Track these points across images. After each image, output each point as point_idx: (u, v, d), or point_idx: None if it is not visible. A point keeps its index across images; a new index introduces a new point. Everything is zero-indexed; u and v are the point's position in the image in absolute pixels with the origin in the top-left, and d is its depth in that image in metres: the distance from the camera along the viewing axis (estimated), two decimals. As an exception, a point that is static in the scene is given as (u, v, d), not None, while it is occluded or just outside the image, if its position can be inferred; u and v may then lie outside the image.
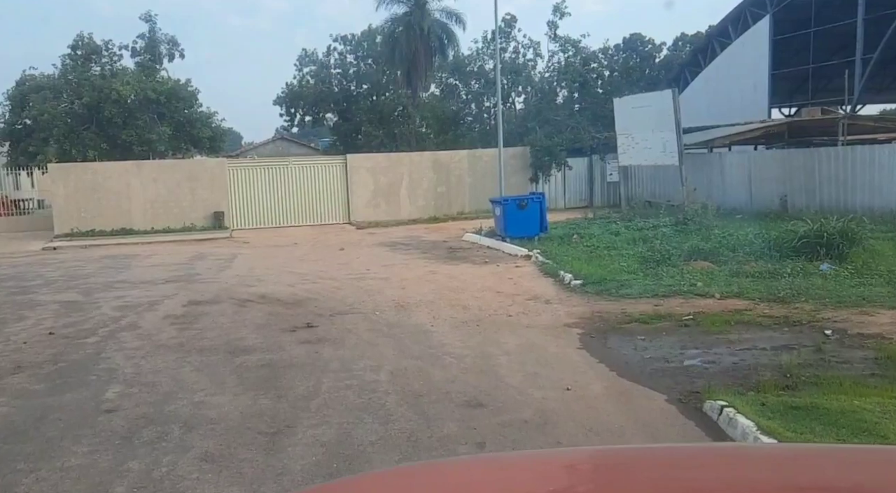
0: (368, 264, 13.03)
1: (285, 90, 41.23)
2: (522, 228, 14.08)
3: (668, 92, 15.93)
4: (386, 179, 21.55)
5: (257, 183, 20.60)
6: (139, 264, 14.15)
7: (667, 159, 16.16)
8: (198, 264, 13.76)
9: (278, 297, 10.13)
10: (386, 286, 10.66)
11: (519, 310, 8.70)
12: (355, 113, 40.56)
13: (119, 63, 27.82)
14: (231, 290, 10.85)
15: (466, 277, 11.25)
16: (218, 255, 15.18)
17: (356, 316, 8.73)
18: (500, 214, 14.27)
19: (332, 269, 12.61)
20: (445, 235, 17.18)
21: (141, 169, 19.72)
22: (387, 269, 12.34)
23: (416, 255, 14.05)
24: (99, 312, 9.44)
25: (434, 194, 21.93)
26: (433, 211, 21.76)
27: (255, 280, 11.68)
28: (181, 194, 19.73)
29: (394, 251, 14.76)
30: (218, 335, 7.97)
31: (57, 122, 23.53)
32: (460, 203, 22.10)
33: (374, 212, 21.35)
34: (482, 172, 22.13)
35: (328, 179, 21.16)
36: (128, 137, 24.31)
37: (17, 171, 26.39)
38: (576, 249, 12.64)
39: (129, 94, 23.99)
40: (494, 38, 24.49)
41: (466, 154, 22.31)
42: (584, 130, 22.12)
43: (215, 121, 27.46)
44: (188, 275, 12.47)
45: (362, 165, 21.45)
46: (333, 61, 40.38)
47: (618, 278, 9.73)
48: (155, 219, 19.41)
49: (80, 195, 18.90)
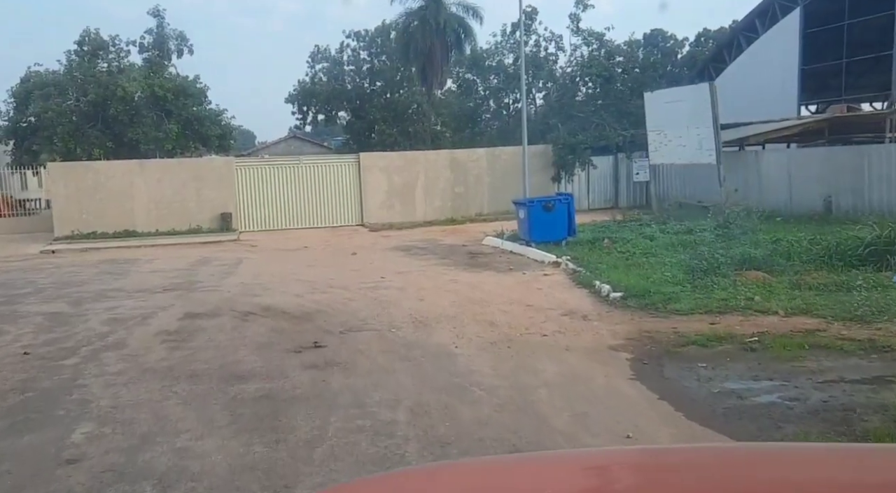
0: (383, 270, 12.04)
1: (297, 88, 40.45)
2: (549, 232, 13.04)
3: (705, 85, 14.83)
4: (400, 179, 20.57)
5: (266, 183, 19.70)
6: (138, 269, 13.26)
7: (703, 158, 15.04)
8: (200, 270, 12.83)
9: (284, 309, 9.16)
10: (402, 297, 9.66)
11: (554, 328, 7.66)
12: (369, 111, 39.63)
13: (126, 59, 27.10)
14: (233, 300, 9.90)
15: (490, 286, 10.23)
16: (223, 259, 14.26)
17: (370, 334, 7.74)
18: (525, 216, 13.23)
19: (344, 276, 11.63)
20: (464, 239, 16.16)
21: (144, 168, 18.87)
22: (403, 277, 11.35)
23: (433, 261, 13.05)
24: (85, 326, 8.51)
25: (451, 195, 20.92)
26: (450, 212, 20.75)
27: (261, 289, 10.72)
28: (187, 195, 18.86)
29: (410, 256, 13.77)
30: (213, 357, 7.00)
31: (61, 119, 22.77)
32: (479, 204, 21.06)
33: (389, 213, 20.37)
34: (502, 172, 21.09)
35: (340, 178, 20.22)
36: (134, 135, 23.52)
37: (24, 170, 25.67)
38: (609, 255, 11.57)
39: (135, 90, 23.19)
40: (517, 30, 23.48)
41: (485, 153, 21.28)
42: (609, 127, 21.01)
43: (225, 119, 26.64)
44: (189, 283, 11.54)
45: (376, 165, 20.49)
46: (346, 58, 39.44)
47: (663, 291, 8.66)
48: (159, 221, 18.55)
49: (81, 196, 18.08)
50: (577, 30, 23.65)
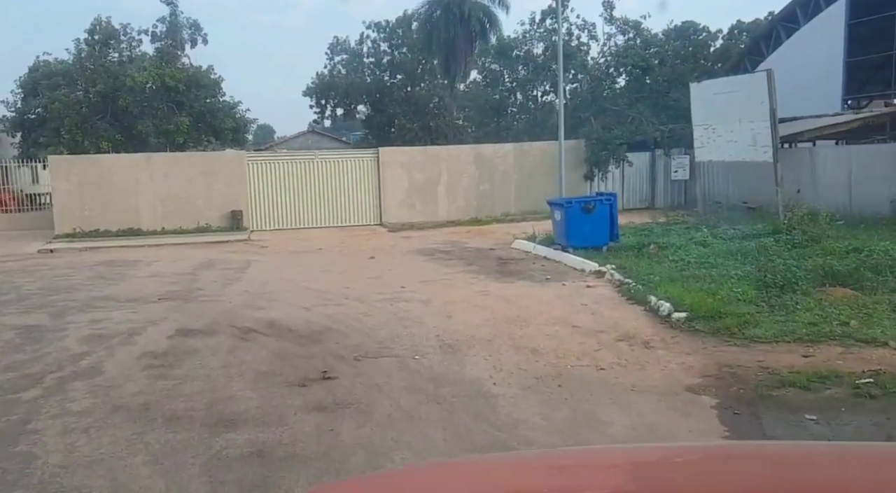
0: (404, 278, 10.79)
1: (315, 81, 39.35)
2: (588, 237, 11.70)
3: (762, 74, 13.37)
4: (422, 176, 19.29)
5: (280, 179, 18.53)
6: (136, 273, 12.13)
7: (756, 155, 13.60)
8: (203, 275, 11.67)
9: (291, 325, 7.94)
10: (426, 313, 8.40)
11: (611, 358, 6.35)
12: (388, 105, 38.49)
13: (138, 49, 26.12)
14: (234, 313, 8.70)
15: (527, 300, 8.92)
16: (229, 262, 13.10)
17: (389, 361, 6.49)
18: (561, 218, 11.90)
19: (360, 284, 10.39)
20: (491, 242, 14.86)
21: (150, 162, 17.78)
22: (426, 286, 10.08)
23: (459, 267, 11.77)
24: (60, 345, 7.35)
25: (476, 193, 19.60)
26: (474, 212, 19.44)
27: (267, 299, 9.52)
28: (195, 191, 17.75)
29: (433, 261, 12.50)
30: (200, 391, 5.79)
31: (68, 111, 21.81)
32: (505, 203, 19.73)
33: (409, 212, 19.11)
34: (530, 168, 19.74)
35: (358, 175, 18.99)
36: (144, 127, 22.50)
37: (34, 163, 24.76)
38: (659, 264, 10.20)
39: (145, 81, 22.14)
40: (547, 18, 22.08)
41: (512, 148, 19.92)
42: (646, 121, 19.55)
43: (239, 111, 25.54)
44: (188, 290, 10.37)
45: (396, 160, 19.23)
46: (366, 50, 38.30)
47: (735, 311, 7.30)
48: (165, 218, 17.46)
49: (83, 191, 17.03)
50: (611, 18, 22.20)
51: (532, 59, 21.52)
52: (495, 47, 22.17)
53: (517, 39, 22.49)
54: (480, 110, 23.20)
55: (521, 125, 21.64)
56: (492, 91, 22.66)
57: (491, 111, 22.68)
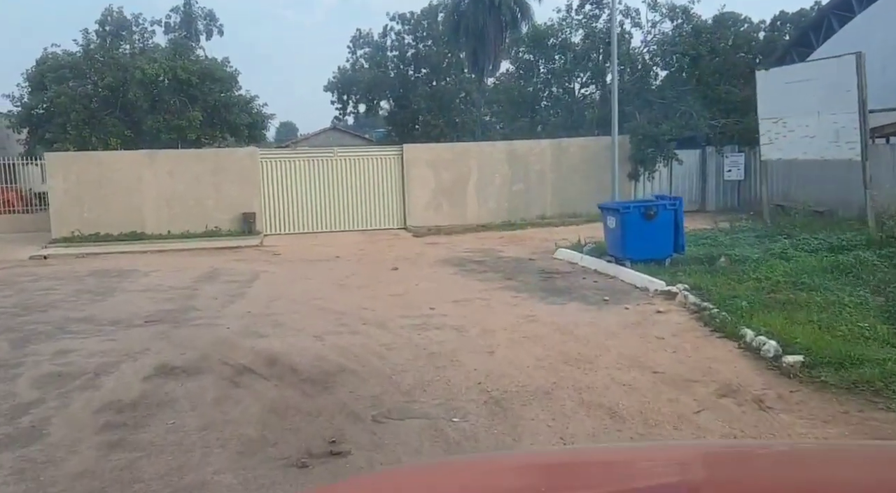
0: (432, 295, 9.21)
1: (337, 75, 37.94)
2: (649, 248, 10.00)
3: (850, 58, 11.52)
4: (450, 175, 17.68)
5: (295, 178, 17.05)
6: (129, 286, 10.68)
7: (840, 152, 11.76)
8: (203, 290, 10.18)
9: (295, 363, 6.39)
10: (462, 346, 6.79)
11: (720, 425, 4.69)
12: (412, 100, 36.98)
13: (151, 40, 24.88)
14: (230, 343, 7.18)
15: (587, 329, 7.27)
16: (235, 273, 11.62)
17: (418, 425, 4.89)
18: (617, 226, 10.21)
19: (382, 304, 8.82)
20: (529, 250, 13.21)
21: (154, 160, 16.38)
22: (459, 308, 8.47)
23: (496, 282, 10.13)
24: (6, 389, 5.88)
25: (508, 194, 17.93)
26: (507, 214, 17.79)
27: (271, 323, 7.99)
28: (203, 191, 16.34)
29: (465, 274, 10.88)
30: (165, 472, 4.25)
31: (75, 105, 20.58)
32: (541, 205, 18.04)
33: (435, 215, 17.52)
34: (569, 167, 18.04)
35: (381, 173, 17.44)
36: (154, 123, 21.22)
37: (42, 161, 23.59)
38: (740, 283, 8.46)
39: (156, 73, 20.81)
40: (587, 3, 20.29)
41: (549, 145, 18.20)
42: (696, 115, 17.73)
43: (256, 106, 24.16)
44: (182, 310, 8.87)
45: (421, 158, 17.64)
46: (390, 43, 36.81)
47: (871, 356, 5.56)
48: (171, 221, 16.07)
49: (82, 191, 15.70)
50: (655, 4, 20.34)
51: (570, 48, 19.75)
52: (530, 35, 20.43)
53: (553, 27, 20.72)
54: (513, 104, 21.48)
55: (559, 120, 19.88)
56: (525, 83, 20.91)
57: (524, 105, 20.95)
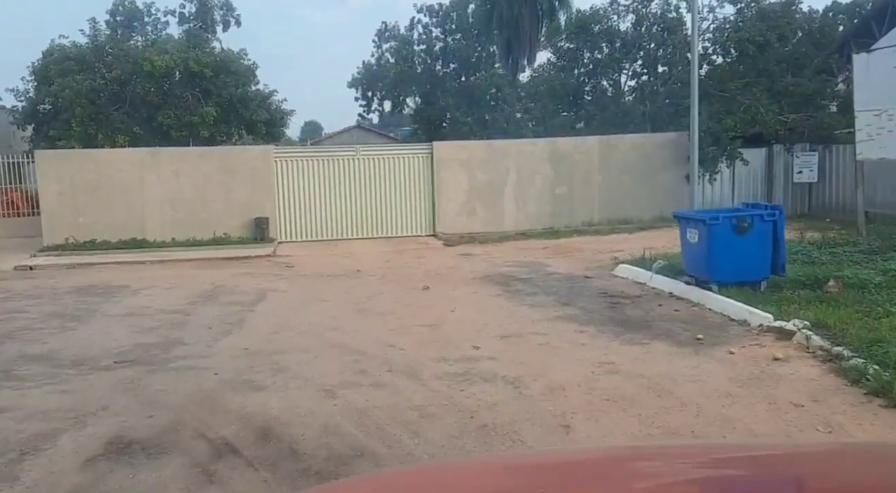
0: (474, 327, 7.40)
1: (361, 70, 36.32)
2: (741, 268, 8.08)
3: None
4: (485, 176, 15.84)
5: (314, 179, 15.35)
6: (112, 308, 9.02)
7: (966, 150, 9.68)
8: (196, 316, 8.48)
9: (297, 439, 4.63)
10: (523, 414, 4.96)
11: None
12: (440, 96, 35.23)
13: (165, 31, 23.45)
14: (213, 400, 5.44)
15: (689, 389, 5.38)
16: (239, 291, 9.92)
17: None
18: (701, 240, 8.28)
19: (412, 339, 7.03)
20: (581, 264, 11.33)
21: (158, 159, 14.77)
22: (511, 346, 6.65)
23: (551, 308, 8.27)
24: None
25: (550, 198, 16.04)
26: (549, 220, 15.91)
27: (271, 367, 6.23)
28: (211, 194, 14.72)
29: (511, 297, 9.04)
30: None
31: (81, 100, 19.14)
32: (586, 210, 16.13)
33: (468, 221, 15.71)
34: (619, 167, 16.11)
35: (408, 174, 15.67)
36: (165, 119, 19.73)
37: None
38: (878, 319, 6.49)
39: (166, 65, 19.28)
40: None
41: (597, 142, 16.26)
42: (763, 109, 15.67)
43: (275, 102, 22.55)
44: (165, 344, 7.17)
45: (453, 157, 15.83)
46: (417, 36, 35.10)
47: None
48: (175, 227, 14.46)
49: (77, 194, 14.16)
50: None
51: (618, 35, 17.77)
52: (575, 20, 18.46)
53: (598, 13, 18.74)
54: (554, 97, 19.55)
55: (607, 115, 17.89)
56: (566, 75, 18.96)
57: (567, 98, 19.01)
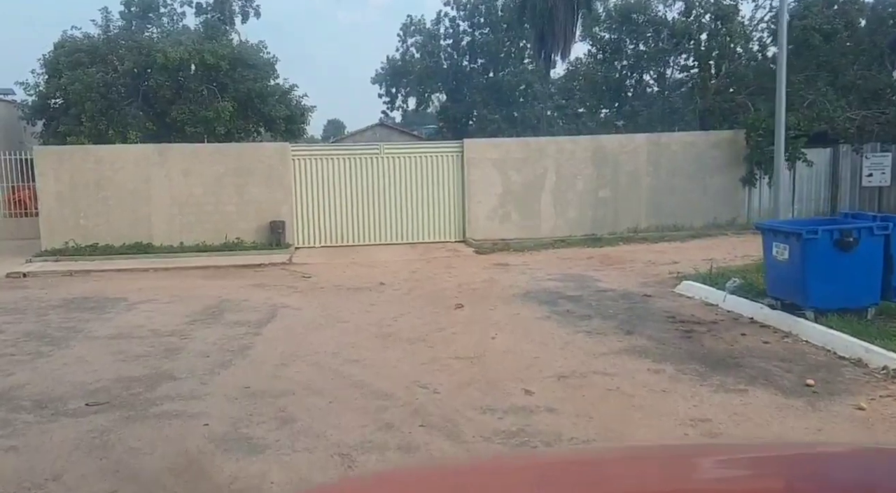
0: (521, 362, 6.11)
1: (386, 66, 35.18)
2: (844, 292, 6.68)
3: None
4: (521, 178, 14.52)
5: (334, 180, 14.15)
6: (98, 328, 7.85)
7: None
8: (194, 340, 7.28)
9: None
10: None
11: None
12: (467, 93, 33.98)
13: (182, 23, 22.46)
14: (199, 464, 4.23)
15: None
16: (248, 307, 8.72)
17: None
18: (793, 257, 6.89)
19: (447, 378, 5.76)
20: (636, 279, 9.97)
21: (166, 157, 13.66)
22: (571, 392, 5.35)
23: (612, 337, 6.93)
24: None
25: (593, 201, 14.67)
26: (590, 226, 14.54)
27: (275, 416, 5.00)
28: (224, 195, 13.60)
29: (561, 320, 7.70)
30: None
31: (91, 94, 18.18)
32: (633, 215, 14.74)
33: (502, 226, 14.40)
34: (669, 168, 14.70)
35: (436, 175, 14.41)
36: (179, 114, 18.70)
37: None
38: None
39: (180, 57, 18.25)
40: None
41: (645, 141, 14.84)
42: (830, 105, 14.15)
43: (294, 97, 21.41)
44: (151, 379, 5.97)
45: (486, 156, 14.52)
46: (443, 30, 33.86)
47: None
48: (184, 230, 13.35)
49: (78, 194, 13.12)
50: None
51: (665, 25, 16.31)
52: (617, 9, 16.99)
53: (641, 1, 17.28)
54: (594, 92, 18.14)
55: (655, 112, 16.44)
56: (607, 68, 17.52)
57: (609, 93, 17.58)
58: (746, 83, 15.12)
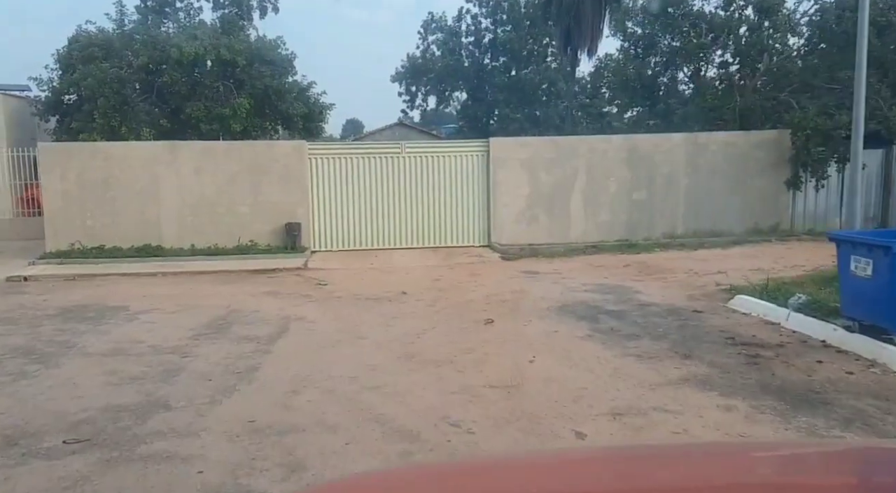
0: (567, 393, 5.31)
1: (406, 64, 34.49)
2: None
3: None
4: (550, 178, 13.68)
5: (352, 180, 13.41)
6: (93, 342, 7.15)
7: None
8: (197, 358, 6.55)
9: None
10: None
11: None
12: (488, 92, 33.21)
13: (198, 17, 21.88)
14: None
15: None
16: (258, 320, 7.99)
17: None
18: (878, 273, 6.02)
19: (481, 412, 4.98)
20: (680, 290, 9.12)
21: (176, 154, 12.99)
22: (632, 434, 4.53)
23: (668, 362, 6.09)
24: None
25: (627, 204, 13.79)
26: (624, 231, 13.67)
27: (282, 460, 4.25)
28: (237, 195, 12.90)
29: (606, 340, 6.87)
30: None
31: (104, 89, 17.62)
32: (669, 219, 13.84)
33: (529, 230, 13.57)
34: (708, 170, 13.79)
35: (460, 175, 13.61)
36: (194, 111, 18.09)
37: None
38: None
39: (195, 52, 17.64)
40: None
41: (682, 140, 13.93)
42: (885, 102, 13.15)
43: (313, 95, 20.74)
44: (143, 408, 5.23)
45: (513, 156, 13.69)
46: (465, 28, 33.11)
47: None
48: (196, 232, 12.67)
49: (85, 193, 12.49)
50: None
51: (703, 18, 15.37)
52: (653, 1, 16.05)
53: (673, -3, 16.31)
54: (626, 89, 17.22)
55: (691, 110, 15.48)
56: (639, 65, 16.58)
57: (642, 91, 16.66)
58: (790, 80, 14.14)
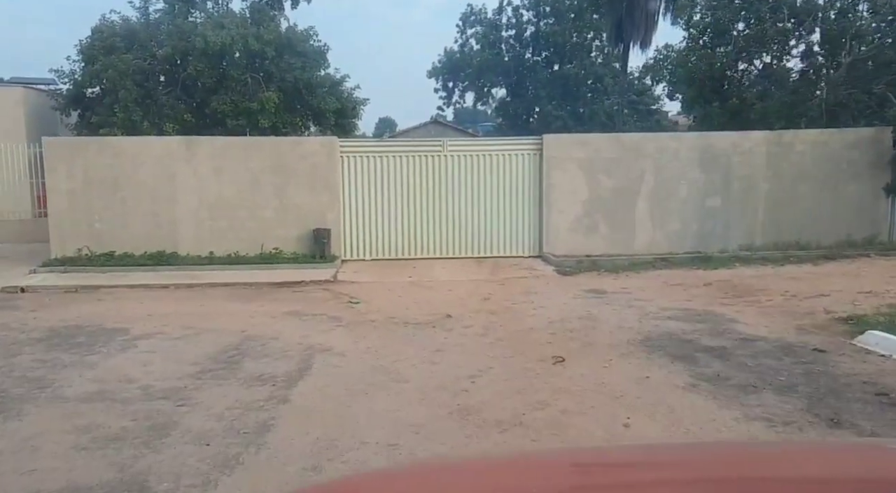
0: None
1: (443, 58, 33.08)
2: None
3: None
4: (612, 181, 12.13)
5: (388, 181, 12.04)
6: (73, 381, 5.85)
7: None
8: (195, 407, 5.21)
9: None
10: None
11: None
12: (529, 87, 31.61)
13: (228, 5, 20.76)
14: None
15: None
16: (276, 352, 6.64)
17: None
18: None
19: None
20: (784, 318, 7.52)
21: (194, 151, 11.72)
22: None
23: (808, 429, 4.54)
24: None
25: (699, 211, 12.17)
26: (695, 241, 12.05)
27: None
28: (260, 197, 11.62)
29: (716, 395, 5.33)
30: None
31: (125, 81, 16.61)
32: (746, 229, 12.18)
33: (587, 240, 12.04)
34: (792, 173, 12.11)
35: (508, 177, 12.15)
36: (220, 105, 16.99)
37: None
38: None
39: (222, 42, 16.51)
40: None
41: (763, 139, 12.23)
42: None
43: (346, 90, 19.50)
44: (115, 490, 3.89)
45: (570, 156, 12.16)
46: (506, 21, 31.57)
47: None
48: (215, 238, 11.43)
49: (93, 193, 11.32)
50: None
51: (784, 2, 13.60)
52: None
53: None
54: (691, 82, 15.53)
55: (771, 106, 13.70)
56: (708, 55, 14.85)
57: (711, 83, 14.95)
58: (891, 71, 12.36)
